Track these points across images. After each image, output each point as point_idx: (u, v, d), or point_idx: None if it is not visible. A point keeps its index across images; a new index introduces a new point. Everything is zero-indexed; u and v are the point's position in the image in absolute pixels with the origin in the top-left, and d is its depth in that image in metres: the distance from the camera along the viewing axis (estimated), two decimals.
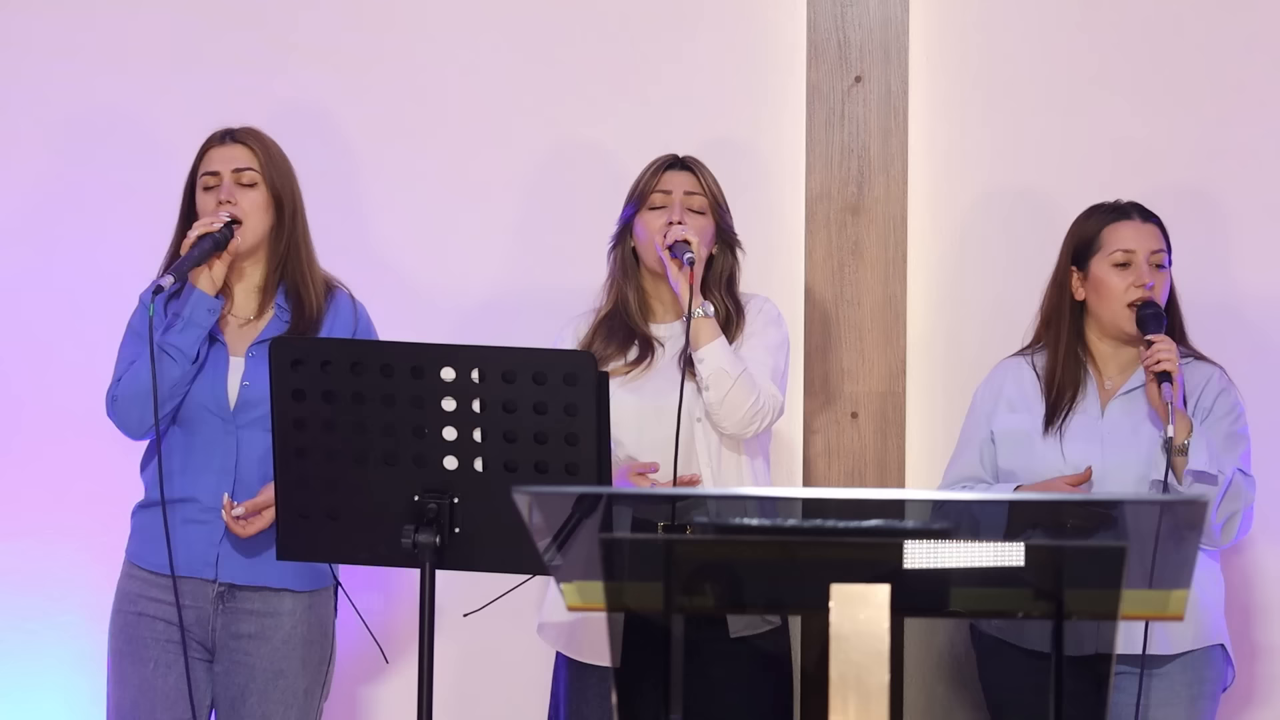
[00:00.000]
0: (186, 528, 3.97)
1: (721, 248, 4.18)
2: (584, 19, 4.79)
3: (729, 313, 4.14)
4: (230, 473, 4.00)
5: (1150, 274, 4.07)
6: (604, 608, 2.79)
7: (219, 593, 4.01)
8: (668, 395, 4.03)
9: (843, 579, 2.67)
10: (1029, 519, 2.78)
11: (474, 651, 4.68)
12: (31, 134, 4.83)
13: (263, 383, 3.97)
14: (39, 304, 4.78)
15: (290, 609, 4.04)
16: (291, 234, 4.09)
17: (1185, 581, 2.77)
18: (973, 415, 4.21)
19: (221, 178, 4.05)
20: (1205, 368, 4.15)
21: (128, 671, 4.03)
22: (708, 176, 4.16)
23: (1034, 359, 4.18)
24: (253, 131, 4.12)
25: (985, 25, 4.74)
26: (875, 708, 2.65)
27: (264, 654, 4.02)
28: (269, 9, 4.83)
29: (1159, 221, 4.15)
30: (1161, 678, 4.02)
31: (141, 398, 3.96)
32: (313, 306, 4.08)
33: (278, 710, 4.02)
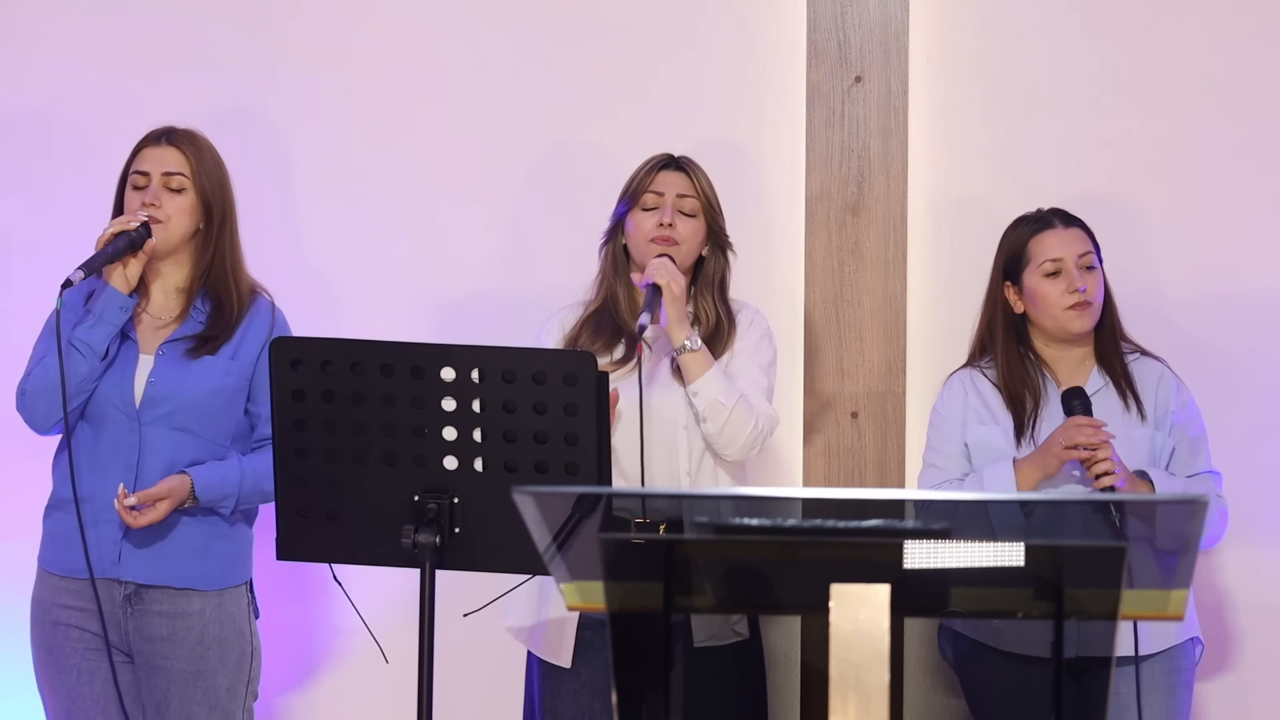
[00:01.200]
0: (89, 528, 3.96)
1: (713, 250, 4.16)
2: (583, 19, 4.79)
3: (719, 319, 4.13)
4: (132, 469, 4.01)
5: (1081, 277, 4.14)
6: (602, 608, 2.79)
7: (126, 594, 4.01)
8: (655, 399, 4.02)
9: (843, 579, 2.67)
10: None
11: (474, 650, 4.68)
12: (28, 133, 4.83)
13: (169, 381, 4.00)
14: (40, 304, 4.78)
15: (199, 609, 4.04)
16: (219, 240, 4.10)
17: (1185, 581, 2.77)
18: (941, 428, 4.22)
19: (150, 179, 4.05)
20: (1152, 364, 4.24)
21: (55, 681, 4.04)
22: (701, 178, 4.15)
23: (985, 371, 4.21)
24: (189, 134, 4.12)
25: (985, 25, 4.73)
26: (875, 708, 2.65)
27: (180, 655, 4.02)
28: (267, 9, 4.83)
29: (1082, 224, 4.21)
30: (1141, 669, 4.09)
31: (49, 392, 3.97)
32: (232, 311, 4.08)
33: (201, 711, 4.02)
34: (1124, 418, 4.14)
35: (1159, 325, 4.49)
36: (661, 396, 4.05)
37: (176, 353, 4.05)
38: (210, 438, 4.05)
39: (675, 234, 4.09)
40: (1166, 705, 4.11)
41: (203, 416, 4.04)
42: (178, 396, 4.00)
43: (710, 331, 4.12)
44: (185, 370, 4.03)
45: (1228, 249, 4.68)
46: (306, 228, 4.67)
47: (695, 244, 4.12)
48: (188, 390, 4.02)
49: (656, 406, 4.02)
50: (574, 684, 4.00)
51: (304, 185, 4.80)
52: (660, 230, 4.08)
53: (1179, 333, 4.56)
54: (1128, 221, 4.42)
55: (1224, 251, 4.68)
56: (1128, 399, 4.17)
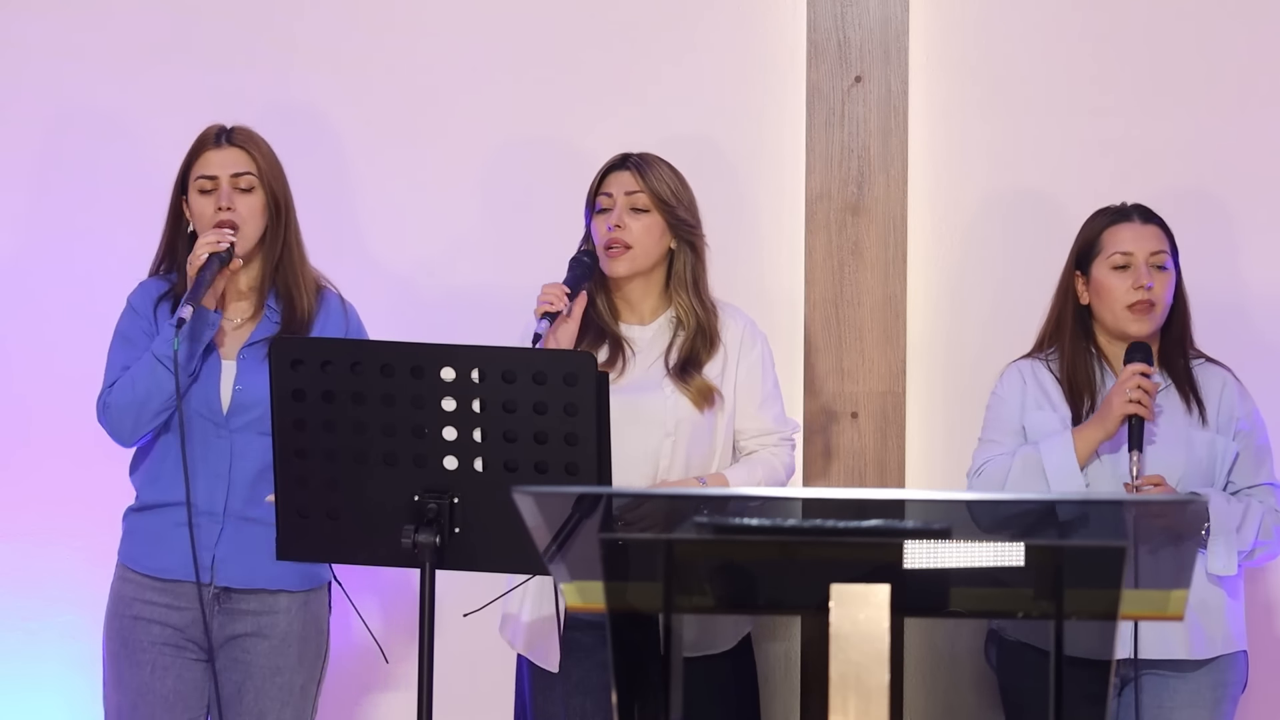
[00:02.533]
0: (180, 531, 3.96)
1: (680, 245, 4.12)
2: (583, 19, 4.79)
3: (699, 320, 4.10)
4: (224, 477, 4.01)
5: (1149, 275, 4.09)
6: (602, 608, 2.79)
7: (215, 595, 4.02)
8: (643, 407, 4.01)
9: (843, 579, 2.67)
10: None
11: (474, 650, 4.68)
12: (28, 133, 4.83)
13: (256, 386, 3.99)
14: (40, 305, 4.78)
15: (286, 607, 4.04)
16: (285, 237, 4.09)
17: (1185, 581, 2.77)
18: (1000, 407, 4.18)
19: (219, 182, 4.04)
20: (1217, 370, 4.19)
21: (125, 675, 4.03)
22: (653, 173, 4.09)
23: (1048, 363, 4.18)
24: (247, 133, 4.11)
25: (985, 25, 4.73)
26: (875, 708, 2.65)
27: (261, 651, 4.02)
28: (268, 9, 4.83)
29: (1161, 223, 4.16)
30: (1187, 680, 4.05)
31: (135, 407, 3.97)
32: (304, 308, 4.07)
33: (274, 707, 4.03)
34: (1185, 419, 4.10)
35: None
36: (649, 401, 4.04)
37: (258, 357, 4.02)
38: None
39: (625, 235, 4.06)
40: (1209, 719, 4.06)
41: None
42: (266, 401, 3.99)
43: (692, 334, 4.10)
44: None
45: (1228, 249, 4.68)
46: (305, 228, 4.67)
47: (650, 241, 4.08)
48: None
49: (643, 411, 4.01)
50: (565, 685, 3.99)
51: (304, 186, 4.80)
52: (609, 235, 4.07)
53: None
54: None
55: (1224, 251, 4.68)
56: (1190, 402, 4.12)
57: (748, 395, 4.11)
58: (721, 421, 4.09)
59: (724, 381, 4.09)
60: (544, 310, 3.95)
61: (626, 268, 4.08)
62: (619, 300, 4.14)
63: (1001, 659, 4.16)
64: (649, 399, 4.03)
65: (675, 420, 4.03)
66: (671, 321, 4.13)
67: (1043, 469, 4.01)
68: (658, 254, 4.11)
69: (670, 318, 4.13)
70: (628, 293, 4.14)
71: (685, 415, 4.04)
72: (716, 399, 4.07)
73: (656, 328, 4.13)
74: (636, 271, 4.10)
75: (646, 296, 4.14)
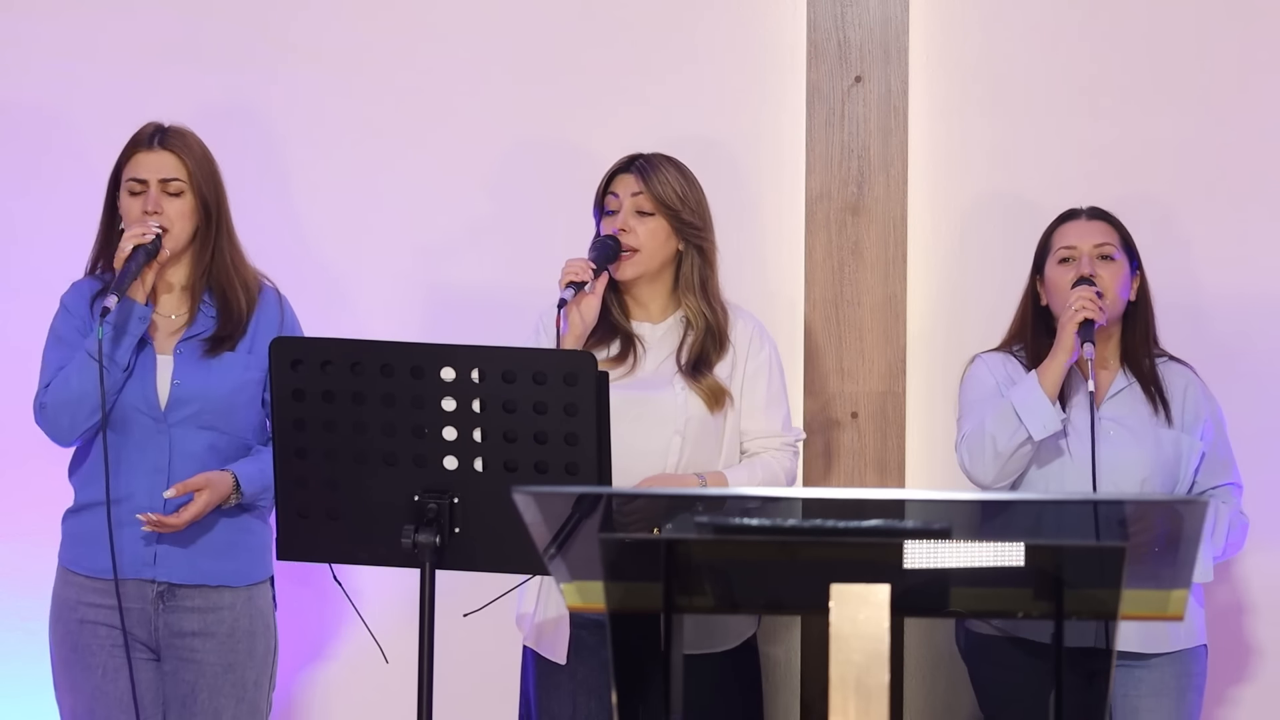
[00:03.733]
0: (121, 529, 3.97)
1: (688, 248, 4.12)
2: (583, 19, 4.79)
3: (709, 323, 4.10)
4: (164, 471, 4.01)
5: (1091, 265, 4.14)
6: (602, 608, 2.79)
7: (159, 592, 4.02)
8: (653, 404, 4.01)
9: (843, 579, 2.67)
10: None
11: (474, 650, 4.68)
12: (28, 133, 4.83)
13: (193, 381, 4.01)
14: (41, 304, 4.78)
15: (230, 603, 4.05)
16: (217, 238, 4.10)
17: (1185, 581, 2.77)
18: (975, 387, 4.21)
19: (148, 186, 4.05)
20: (1180, 369, 4.25)
21: (78, 679, 4.04)
22: (658, 176, 4.09)
23: (1017, 356, 4.23)
24: (180, 134, 4.11)
25: (985, 25, 4.73)
26: (875, 708, 2.65)
27: (211, 649, 4.03)
28: (268, 8, 4.82)
29: (1111, 219, 4.22)
30: (1152, 669, 4.10)
31: (70, 406, 3.98)
32: (239, 304, 4.09)
33: (229, 704, 4.03)
34: (1151, 419, 4.15)
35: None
36: (660, 398, 4.04)
37: (194, 352, 4.05)
38: (237, 433, 4.06)
39: (630, 239, 4.07)
40: (1176, 709, 4.11)
41: (229, 413, 4.04)
42: (204, 396, 4.01)
43: (701, 335, 4.10)
44: (207, 369, 4.04)
45: (1227, 249, 4.68)
46: (306, 228, 4.67)
47: (655, 244, 4.08)
48: (212, 388, 4.03)
49: (653, 407, 4.02)
50: (570, 683, 3.99)
51: (304, 186, 4.80)
52: (619, 237, 4.08)
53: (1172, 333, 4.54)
54: (1127, 221, 4.41)
55: (1223, 251, 4.68)
56: (1155, 401, 4.17)
57: (753, 396, 4.11)
58: (730, 422, 4.09)
59: (732, 383, 4.10)
60: (569, 280, 3.97)
61: (633, 270, 4.09)
62: (629, 299, 4.15)
63: (969, 648, 4.18)
64: (659, 396, 4.03)
65: (685, 418, 4.04)
66: (682, 321, 4.13)
67: (1014, 410, 4.04)
68: (664, 256, 4.11)
69: (680, 317, 4.13)
70: (637, 293, 4.14)
71: (695, 413, 4.05)
72: (727, 400, 4.07)
73: (667, 326, 4.14)
74: (643, 274, 4.10)
75: (655, 297, 4.14)
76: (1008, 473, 4.08)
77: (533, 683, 4.07)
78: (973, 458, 4.10)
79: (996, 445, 4.05)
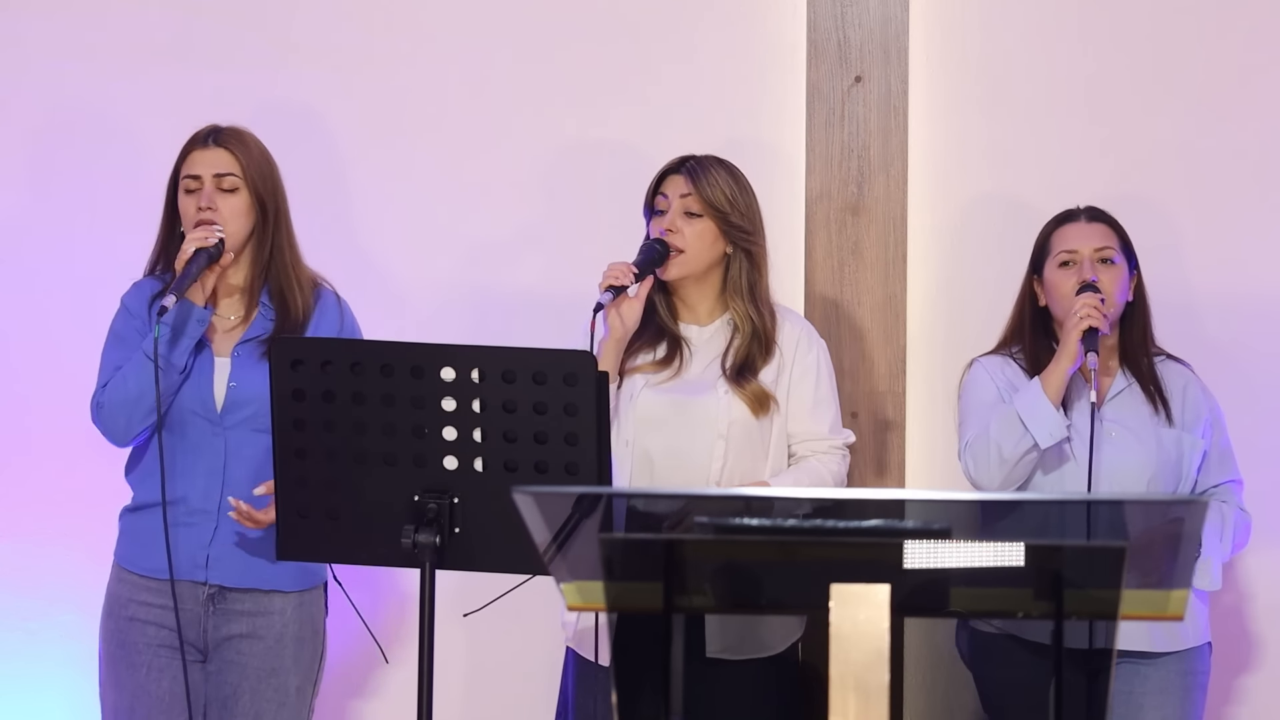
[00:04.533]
0: (175, 530, 3.95)
1: (736, 251, 4.11)
2: (584, 19, 4.79)
3: (754, 326, 4.08)
4: (219, 474, 4.00)
5: (1093, 269, 4.14)
6: (604, 608, 2.79)
7: (210, 594, 4.01)
8: (697, 407, 4.00)
9: (843, 579, 2.67)
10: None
11: (475, 650, 4.69)
12: (28, 133, 4.83)
13: (250, 383, 3.99)
14: (40, 305, 4.78)
15: (281, 608, 4.04)
16: (275, 236, 4.08)
17: (1185, 581, 2.77)
18: (976, 392, 4.20)
19: (203, 182, 4.04)
20: (1179, 368, 4.25)
21: (122, 676, 4.03)
22: (707, 178, 4.09)
23: (1015, 359, 4.22)
24: (236, 132, 4.10)
25: (985, 25, 4.73)
26: (875, 708, 2.65)
27: (257, 652, 4.02)
28: (268, 8, 4.83)
29: (1110, 220, 4.22)
30: (1157, 666, 4.10)
31: (128, 406, 3.97)
32: (298, 307, 4.07)
33: (270, 709, 4.02)
34: (1152, 418, 4.15)
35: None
36: (704, 401, 4.03)
37: (252, 355, 4.03)
38: None
39: (677, 239, 4.07)
40: (1180, 707, 4.11)
41: None
42: (260, 398, 3.98)
43: (748, 339, 4.08)
44: (264, 371, 4.01)
45: (1227, 249, 4.68)
46: (306, 228, 4.67)
47: (702, 246, 4.08)
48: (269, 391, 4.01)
49: (697, 411, 4.01)
50: (609, 685, 3.99)
51: (304, 186, 4.80)
52: (666, 238, 4.08)
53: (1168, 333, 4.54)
54: (1126, 221, 4.41)
55: (1223, 251, 4.68)
56: (1155, 401, 4.17)
57: (800, 399, 4.10)
58: (777, 427, 4.08)
59: (778, 386, 4.08)
60: (609, 283, 3.97)
61: (678, 271, 4.08)
62: (677, 301, 4.14)
63: (973, 649, 4.18)
64: (703, 400, 4.03)
65: (728, 422, 4.03)
66: (729, 324, 4.12)
67: (1019, 417, 4.03)
68: (710, 258, 4.10)
69: (728, 320, 4.12)
70: (684, 294, 4.14)
71: (738, 418, 4.04)
72: (772, 405, 4.06)
73: (714, 329, 4.13)
74: (688, 275, 4.09)
75: (702, 299, 4.14)
76: (1013, 479, 4.08)
77: (572, 683, 4.07)
78: (978, 465, 4.09)
79: (1002, 452, 4.04)
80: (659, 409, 4.03)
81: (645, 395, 4.03)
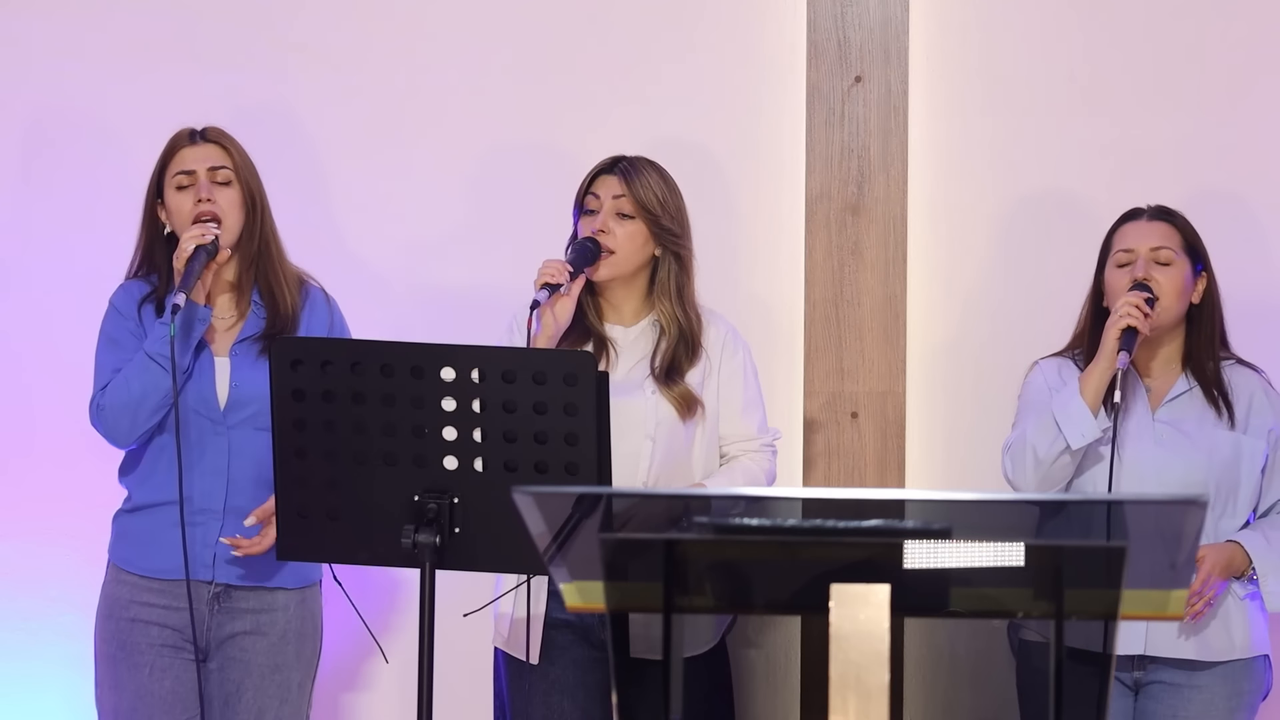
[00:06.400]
0: (177, 531, 3.97)
1: (665, 253, 4.10)
2: (583, 18, 4.79)
3: (681, 329, 4.08)
4: (223, 474, 4.01)
5: (1148, 269, 4.08)
6: (604, 608, 2.79)
7: (215, 593, 4.02)
8: (624, 408, 3.98)
9: (843, 579, 2.67)
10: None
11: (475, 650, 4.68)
12: (28, 133, 4.83)
13: (251, 382, 3.99)
14: (40, 304, 4.78)
15: (284, 604, 4.05)
16: (262, 232, 4.09)
17: (1185, 581, 2.77)
18: (1029, 394, 4.16)
19: (197, 177, 4.04)
20: (1249, 374, 4.17)
21: (122, 677, 4.03)
22: (640, 180, 4.08)
23: (1075, 361, 4.16)
24: (220, 131, 4.12)
25: (985, 25, 4.73)
26: (875, 708, 2.65)
27: (261, 649, 4.02)
28: (270, 8, 4.83)
29: (1173, 219, 4.16)
30: (1202, 690, 4.02)
31: (131, 407, 3.96)
32: (287, 303, 4.08)
33: (272, 705, 4.03)
34: (1213, 422, 4.07)
35: None
36: (631, 402, 4.03)
37: (250, 353, 4.04)
38: None
39: (609, 240, 4.06)
40: None
41: None
42: (262, 397, 3.97)
43: (674, 341, 4.08)
44: (263, 370, 4.01)
45: (1227, 249, 4.67)
46: (306, 228, 4.67)
47: (633, 248, 4.07)
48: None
49: (625, 412, 4.00)
50: (543, 684, 3.99)
51: (304, 186, 4.80)
52: (598, 238, 4.07)
53: None
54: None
55: (1223, 251, 4.67)
56: (1219, 405, 4.09)
57: (729, 402, 4.11)
58: (702, 429, 4.09)
59: (705, 389, 4.09)
60: (544, 281, 3.96)
61: (608, 272, 4.08)
62: (602, 300, 4.14)
63: (1020, 651, 4.14)
64: (630, 400, 4.02)
65: (655, 422, 4.03)
66: (654, 325, 4.12)
67: (1055, 420, 4.00)
68: (640, 260, 4.10)
69: (653, 321, 4.12)
70: (610, 295, 4.13)
71: (665, 418, 4.04)
72: (698, 408, 4.07)
73: (639, 330, 4.13)
74: (618, 276, 4.09)
75: (628, 299, 4.14)
76: (1050, 483, 4.01)
77: (505, 684, 4.07)
78: (1015, 466, 4.04)
79: (1037, 454, 3.99)
80: None
81: None
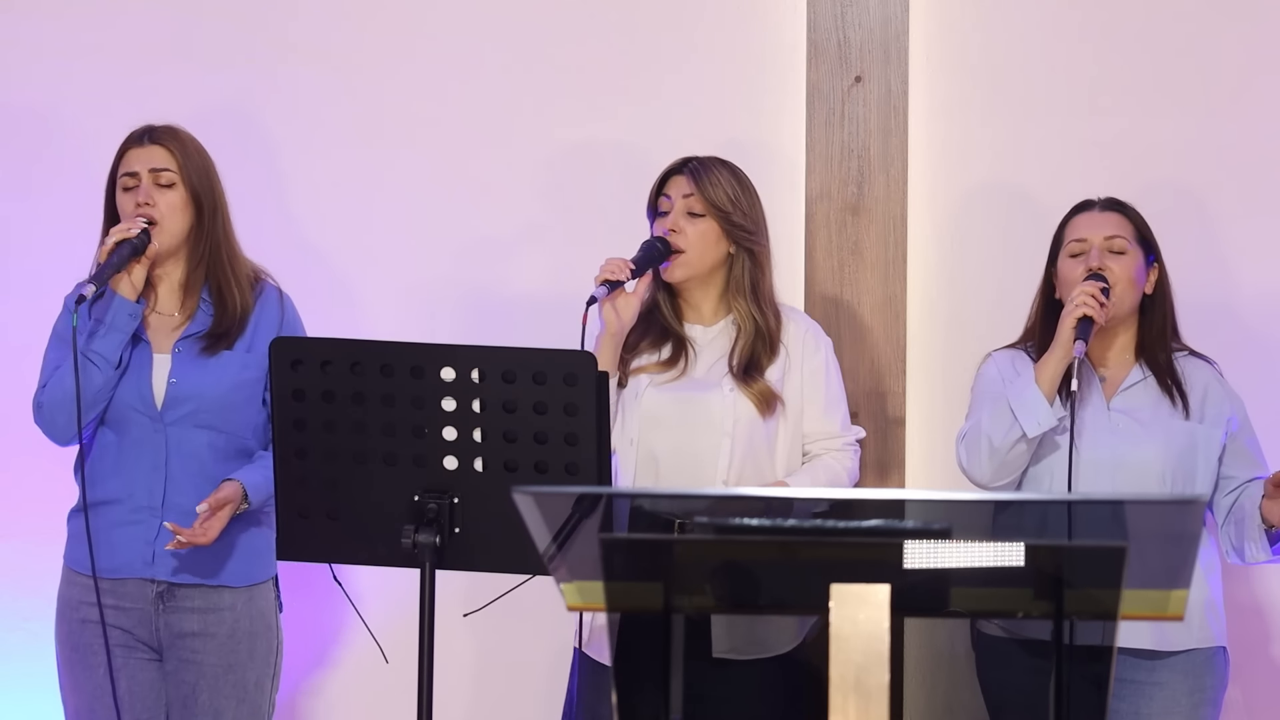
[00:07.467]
0: (121, 529, 3.99)
1: (739, 251, 4.12)
2: (583, 19, 4.79)
3: (758, 326, 4.08)
4: (161, 470, 4.02)
5: (1101, 258, 4.09)
6: (604, 607, 2.79)
7: (159, 592, 4.03)
8: (703, 406, 3.99)
9: (843, 579, 2.67)
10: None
11: (475, 650, 4.68)
12: (27, 133, 4.83)
13: (190, 380, 4.01)
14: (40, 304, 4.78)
15: (230, 604, 4.06)
16: (212, 232, 4.10)
17: (1185, 581, 2.77)
18: (983, 385, 4.17)
19: (139, 179, 4.06)
20: (1201, 364, 4.19)
21: (80, 678, 4.05)
22: (709, 178, 4.09)
23: (1028, 352, 4.18)
24: (171, 130, 4.13)
25: (985, 25, 4.73)
26: (875, 708, 2.65)
27: (211, 650, 4.03)
28: (267, 9, 4.83)
29: (1126, 210, 4.17)
30: (1161, 686, 4.03)
31: (66, 404, 3.98)
32: (235, 303, 4.09)
33: (229, 705, 4.04)
34: (1168, 411, 4.09)
35: None
36: (709, 399, 4.03)
37: (192, 350, 4.06)
38: (235, 432, 4.06)
39: (680, 240, 4.07)
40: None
41: (226, 412, 4.05)
42: (200, 395, 4.01)
43: (751, 338, 4.08)
44: (204, 367, 4.04)
45: (1227, 249, 4.68)
46: (304, 228, 4.67)
47: (704, 247, 4.08)
48: (209, 387, 4.03)
49: (703, 409, 4.01)
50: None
51: (304, 186, 4.80)
52: (668, 238, 4.08)
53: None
54: None
55: (1223, 252, 4.68)
56: (1173, 395, 4.11)
57: (813, 400, 4.11)
58: (783, 426, 4.08)
59: (785, 386, 4.08)
60: (604, 278, 3.97)
61: (681, 272, 4.09)
62: (681, 302, 4.15)
63: (980, 650, 4.15)
64: (709, 398, 4.03)
65: (734, 420, 4.03)
66: (734, 324, 4.12)
67: (1010, 409, 4.00)
68: (713, 259, 4.10)
69: (732, 320, 4.13)
70: (688, 295, 4.14)
71: (744, 415, 4.04)
72: (778, 405, 4.06)
73: (719, 329, 4.13)
74: (692, 275, 4.10)
75: (707, 299, 4.14)
76: (1005, 471, 4.03)
77: (583, 686, 4.06)
78: (970, 455, 4.07)
79: (992, 443, 4.02)
80: (664, 407, 4.03)
81: (650, 394, 4.03)
